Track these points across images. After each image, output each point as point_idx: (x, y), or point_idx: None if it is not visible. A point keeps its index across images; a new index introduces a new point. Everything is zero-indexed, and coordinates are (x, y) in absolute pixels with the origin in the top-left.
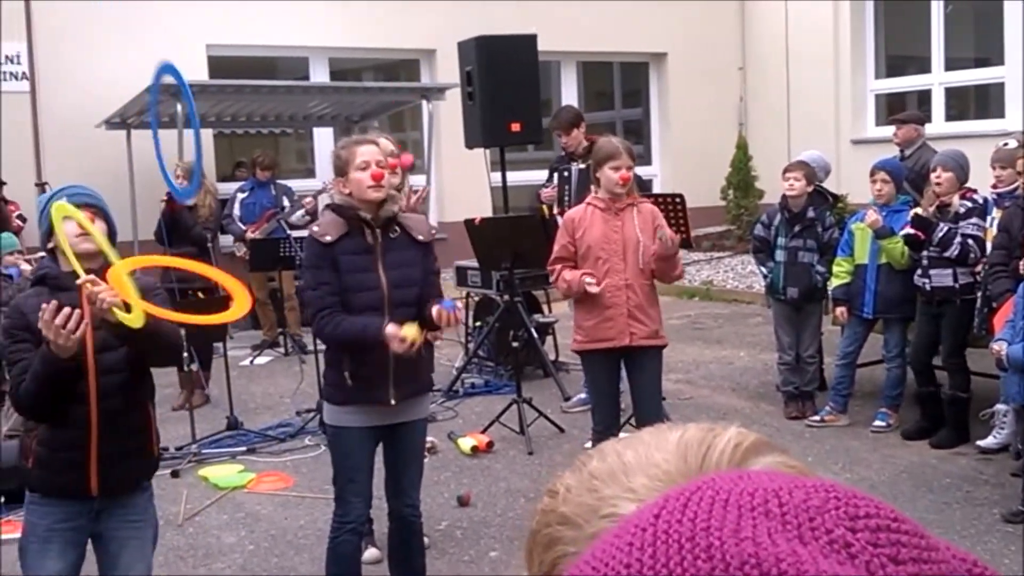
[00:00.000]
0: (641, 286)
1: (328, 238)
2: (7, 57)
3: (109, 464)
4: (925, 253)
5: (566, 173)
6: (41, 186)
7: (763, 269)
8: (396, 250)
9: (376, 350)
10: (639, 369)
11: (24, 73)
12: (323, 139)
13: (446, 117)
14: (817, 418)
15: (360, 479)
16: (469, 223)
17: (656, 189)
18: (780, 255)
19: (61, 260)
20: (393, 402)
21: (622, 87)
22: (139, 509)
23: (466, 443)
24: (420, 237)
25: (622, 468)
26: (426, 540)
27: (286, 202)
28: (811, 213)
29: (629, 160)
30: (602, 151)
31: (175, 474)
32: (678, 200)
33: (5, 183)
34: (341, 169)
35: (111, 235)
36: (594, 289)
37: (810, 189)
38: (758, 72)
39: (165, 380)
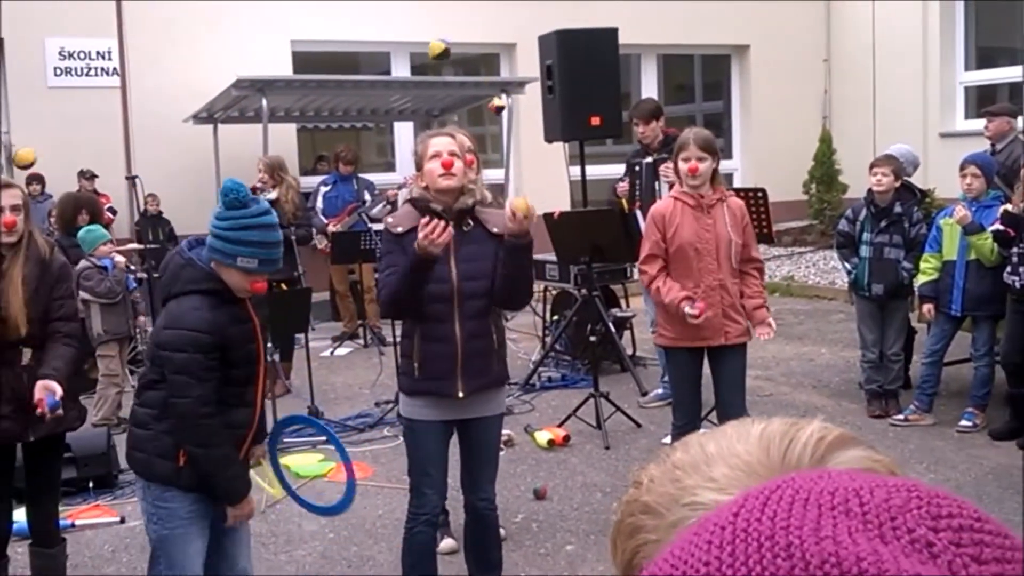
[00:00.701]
0: (733, 284)
1: (400, 228)
2: (98, 53)
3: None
4: (1015, 250)
5: (637, 167)
6: (131, 179)
7: (847, 265)
8: (469, 243)
9: (443, 343)
10: (724, 365)
11: (115, 69)
12: (403, 133)
13: (525, 111)
14: (901, 417)
15: (434, 471)
16: (547, 217)
17: (737, 183)
18: (865, 251)
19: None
20: (461, 395)
21: (703, 80)
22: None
23: (543, 436)
24: (495, 229)
25: (704, 459)
26: (502, 532)
27: (367, 196)
28: (898, 208)
29: (699, 151)
30: (677, 143)
31: (257, 462)
32: (760, 195)
33: (97, 176)
34: (418, 163)
35: None
36: (694, 320)
37: (897, 184)
38: (843, 63)
39: None
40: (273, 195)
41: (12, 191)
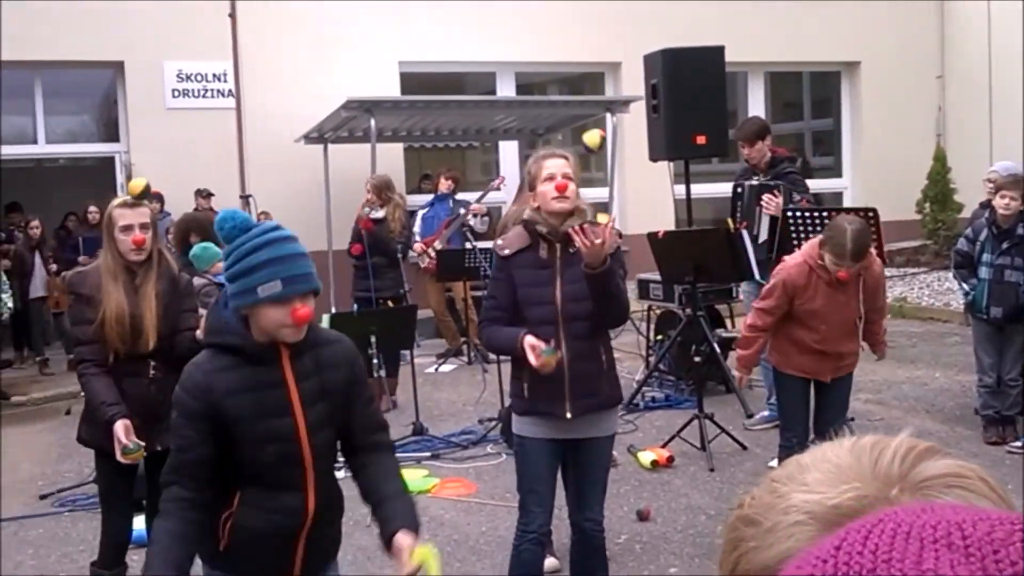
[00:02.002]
0: (851, 333)
1: (507, 251)
2: (214, 75)
3: (315, 547)
4: None
5: (740, 189)
6: (245, 198)
7: (965, 286)
8: (575, 265)
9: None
10: (830, 391)
11: (230, 91)
12: (508, 152)
13: (630, 129)
14: (1019, 444)
15: (542, 490)
16: (652, 236)
17: (847, 203)
18: (985, 272)
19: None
20: (569, 415)
21: (811, 97)
22: (334, 567)
23: (646, 457)
24: None
25: (799, 468)
26: (556, 563)
27: (461, 210)
28: (1021, 230)
29: (853, 263)
30: (831, 243)
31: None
32: (871, 215)
33: (213, 195)
34: (531, 183)
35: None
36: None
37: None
38: (958, 80)
39: None
40: (381, 214)
41: (141, 210)
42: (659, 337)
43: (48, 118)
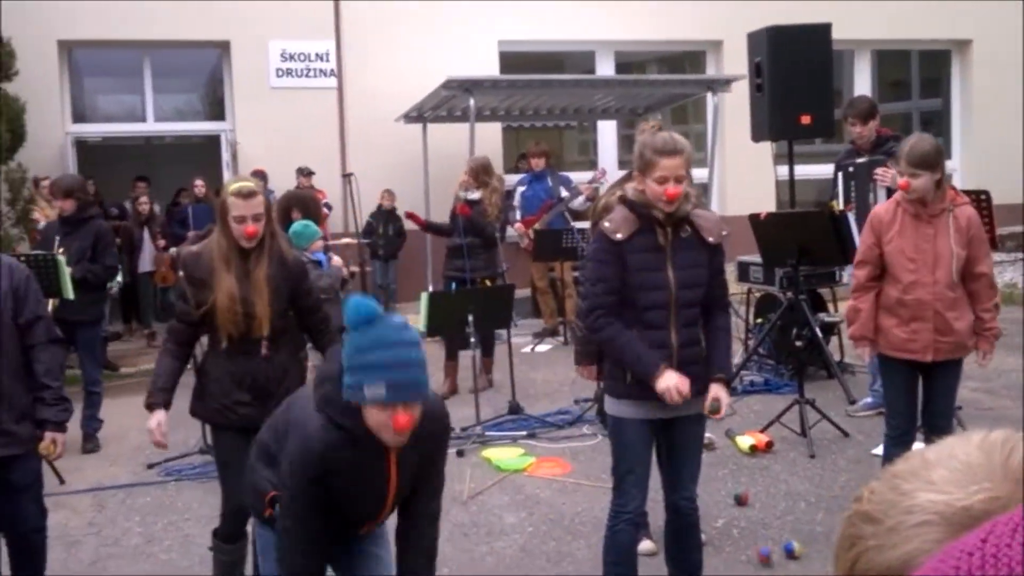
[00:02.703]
0: (950, 300)
1: (619, 236)
2: (317, 55)
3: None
4: None
5: (850, 168)
6: (347, 177)
7: None
8: (686, 250)
9: (659, 350)
10: (935, 377)
11: (332, 70)
12: (606, 132)
13: (731, 109)
14: None
15: (638, 470)
16: (754, 218)
17: (957, 185)
18: None
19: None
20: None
21: (920, 76)
22: (383, 526)
23: (744, 441)
24: (710, 239)
25: (923, 465)
26: (702, 537)
27: (564, 192)
28: None
29: (910, 167)
30: (915, 154)
31: (460, 453)
32: (983, 198)
33: (314, 173)
34: (641, 168)
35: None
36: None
37: None
38: None
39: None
40: (476, 195)
41: (255, 200)
42: (759, 320)
43: (157, 97)
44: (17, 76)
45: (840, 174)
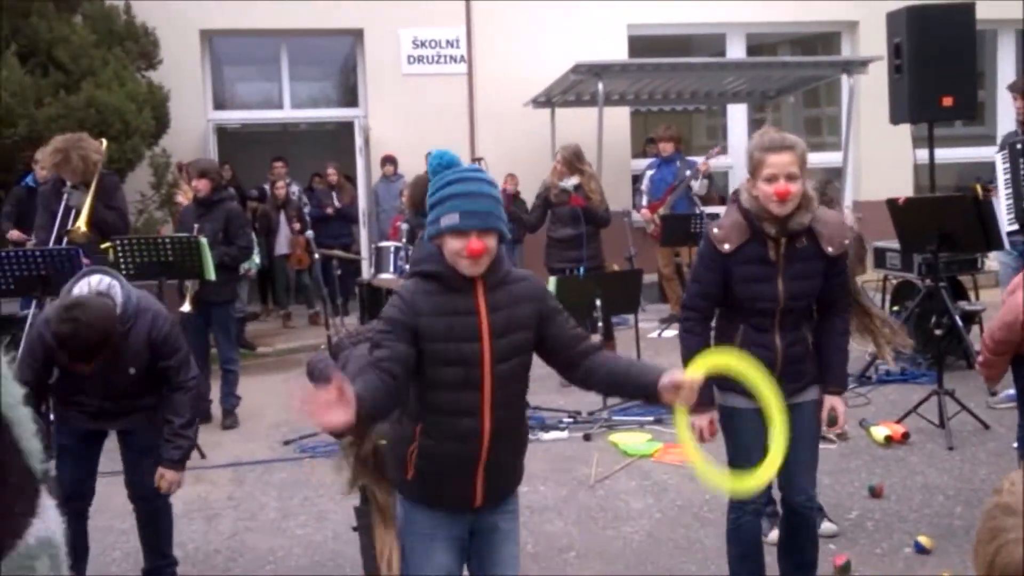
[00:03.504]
0: None
1: (727, 247)
2: (448, 42)
3: (495, 477)
4: None
5: (1020, 145)
6: (477, 161)
7: None
8: (800, 260)
9: (764, 349)
10: None
11: (462, 56)
12: (736, 115)
13: (866, 91)
14: None
15: (755, 459)
16: (892, 203)
17: None
18: None
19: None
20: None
21: None
22: (514, 501)
23: (879, 432)
24: (830, 249)
25: None
26: (835, 528)
27: (688, 173)
28: None
29: None
30: None
31: (587, 437)
32: None
33: None
34: (752, 170)
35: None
36: None
37: None
38: None
39: None
40: (574, 181)
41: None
42: (895, 308)
43: (293, 84)
44: (161, 65)
45: (1005, 152)
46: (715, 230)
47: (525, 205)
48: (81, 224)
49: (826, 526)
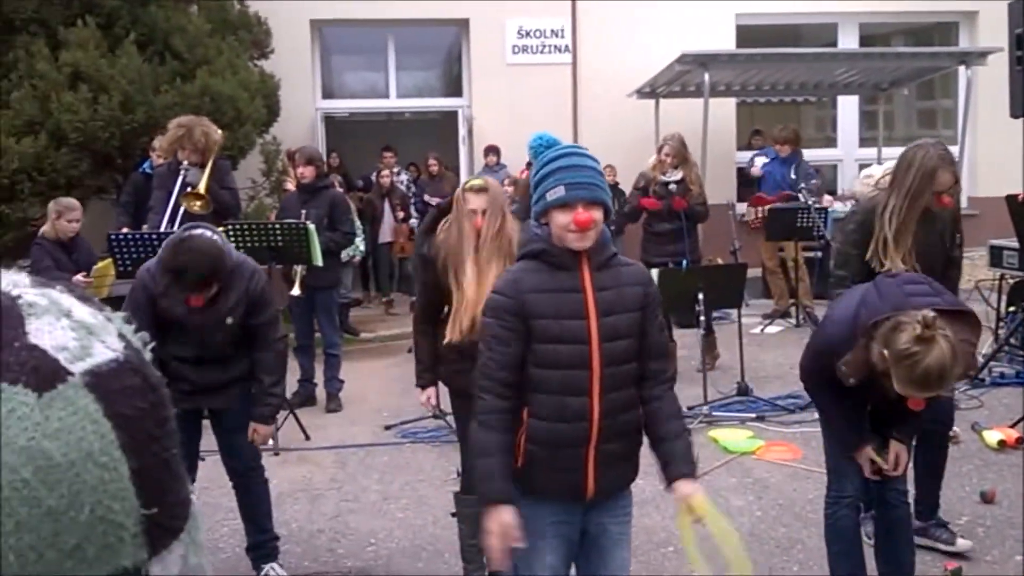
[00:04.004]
0: None
1: (852, 381)
2: (552, 31)
3: (606, 466)
4: None
5: None
6: None
7: None
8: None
9: None
10: None
11: (567, 46)
12: (846, 107)
13: (984, 84)
14: None
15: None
16: (1011, 199)
17: None
18: None
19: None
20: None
21: None
22: (626, 501)
23: (992, 436)
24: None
25: None
26: (969, 544)
27: (803, 186)
28: None
29: None
30: None
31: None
32: None
33: None
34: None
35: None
36: None
37: None
38: None
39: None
40: (679, 175)
41: (485, 196)
42: (1011, 308)
43: (399, 73)
44: (273, 54)
45: None
46: (842, 368)
47: (625, 196)
48: (201, 188)
49: (961, 543)
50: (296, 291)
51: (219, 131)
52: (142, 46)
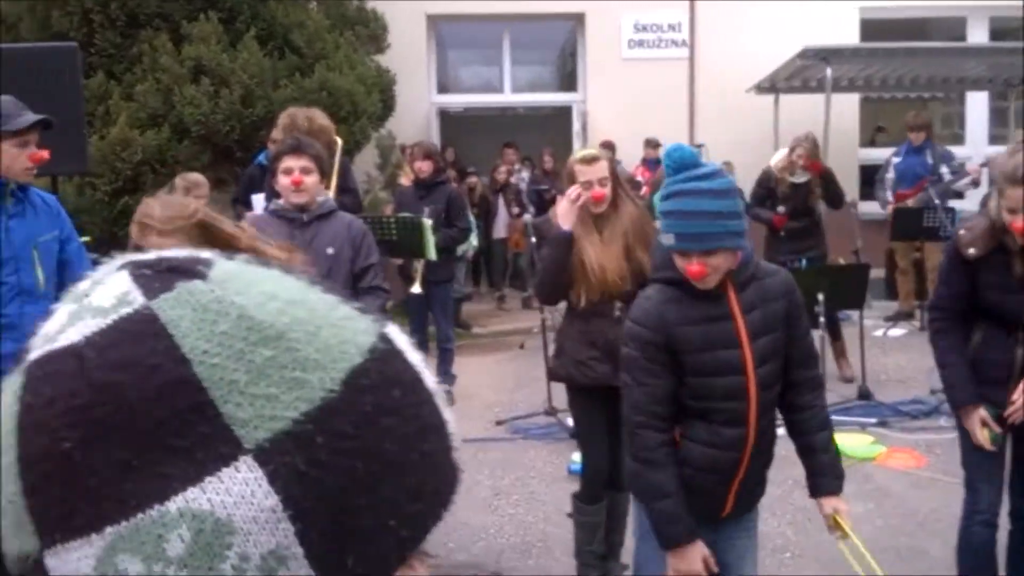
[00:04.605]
0: None
1: (971, 251)
2: (669, 25)
3: (747, 487)
4: None
5: None
6: (698, 147)
7: None
8: None
9: (1004, 353)
10: None
11: (684, 40)
12: (975, 104)
13: None
14: None
15: (988, 464)
16: None
17: None
18: None
19: None
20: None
21: None
22: (753, 515)
23: None
24: None
25: None
26: None
27: (944, 169)
28: None
29: None
30: None
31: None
32: None
33: (661, 144)
34: (997, 192)
35: None
36: None
37: None
38: None
39: None
40: (805, 178)
41: (598, 165)
42: None
43: (514, 68)
44: (389, 49)
45: None
46: (962, 232)
47: (743, 193)
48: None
49: None
50: (416, 288)
51: (324, 116)
52: (262, 41)
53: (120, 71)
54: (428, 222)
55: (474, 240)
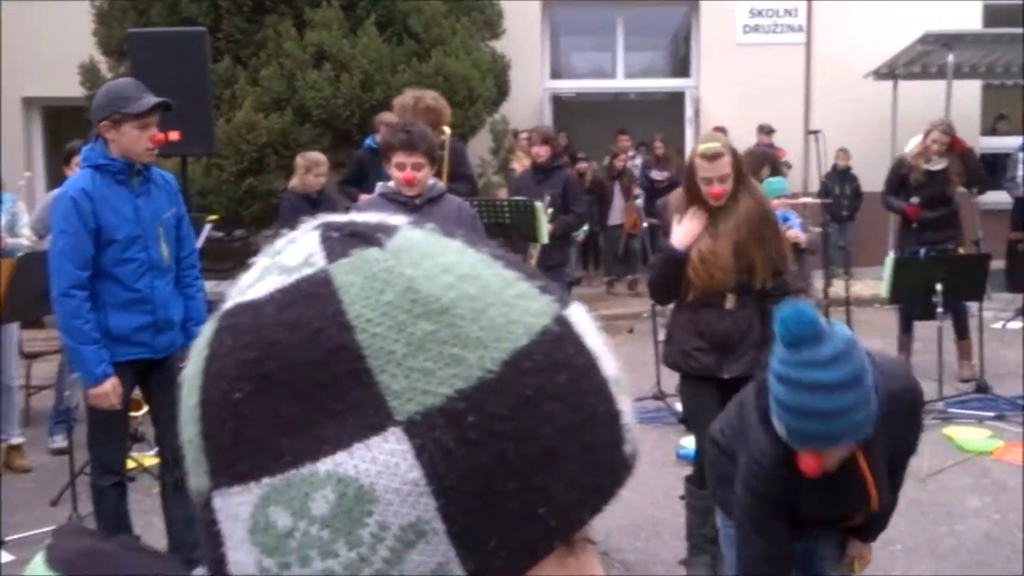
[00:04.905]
0: None
1: None
2: (785, 11)
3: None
4: None
5: None
6: (813, 133)
7: None
8: None
9: None
10: None
11: (801, 26)
12: None
13: None
14: None
15: None
16: None
17: None
18: None
19: None
20: None
21: None
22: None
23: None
24: None
25: None
26: None
27: None
28: None
29: None
30: None
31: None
32: None
33: (775, 131)
34: None
35: None
36: None
37: None
38: None
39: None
40: (943, 163)
41: (721, 162)
42: None
43: (627, 54)
44: (504, 34)
45: None
46: None
47: (858, 181)
48: (442, 182)
49: None
50: None
51: (437, 97)
52: (381, 27)
53: (246, 56)
54: (540, 205)
55: (586, 224)
